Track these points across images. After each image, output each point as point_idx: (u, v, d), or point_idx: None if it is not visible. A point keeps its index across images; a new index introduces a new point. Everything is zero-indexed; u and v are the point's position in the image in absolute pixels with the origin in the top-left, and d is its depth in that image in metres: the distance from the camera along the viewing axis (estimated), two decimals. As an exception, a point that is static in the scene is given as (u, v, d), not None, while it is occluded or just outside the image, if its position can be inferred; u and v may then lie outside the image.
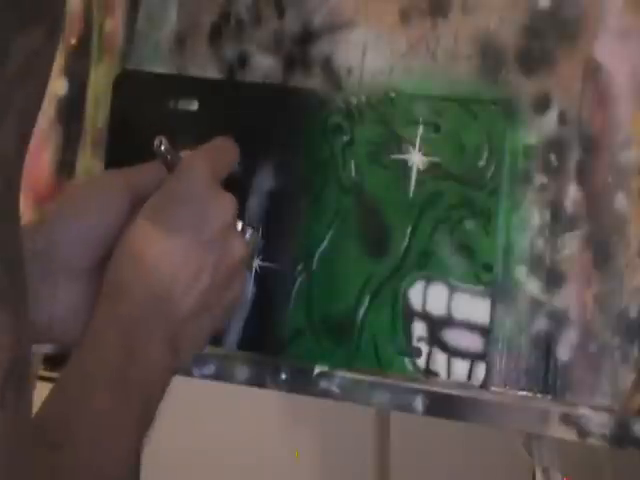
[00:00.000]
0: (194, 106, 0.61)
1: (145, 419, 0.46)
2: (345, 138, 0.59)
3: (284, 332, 0.59)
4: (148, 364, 0.46)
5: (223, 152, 0.55)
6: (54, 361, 0.67)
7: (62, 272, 0.49)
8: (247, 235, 0.55)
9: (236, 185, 0.60)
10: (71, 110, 0.63)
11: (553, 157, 0.56)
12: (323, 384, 0.59)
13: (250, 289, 0.59)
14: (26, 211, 0.64)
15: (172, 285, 0.47)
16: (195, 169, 0.51)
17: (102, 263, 0.50)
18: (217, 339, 0.60)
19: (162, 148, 0.51)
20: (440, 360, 0.57)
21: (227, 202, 0.51)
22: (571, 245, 0.56)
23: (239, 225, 0.54)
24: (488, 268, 0.57)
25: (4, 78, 0.30)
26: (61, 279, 0.49)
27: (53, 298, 0.49)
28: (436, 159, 0.58)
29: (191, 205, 0.49)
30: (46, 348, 0.62)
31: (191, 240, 0.48)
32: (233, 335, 0.60)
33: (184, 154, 0.52)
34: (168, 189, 0.50)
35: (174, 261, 0.48)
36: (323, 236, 0.59)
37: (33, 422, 0.38)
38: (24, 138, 0.32)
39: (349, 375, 0.59)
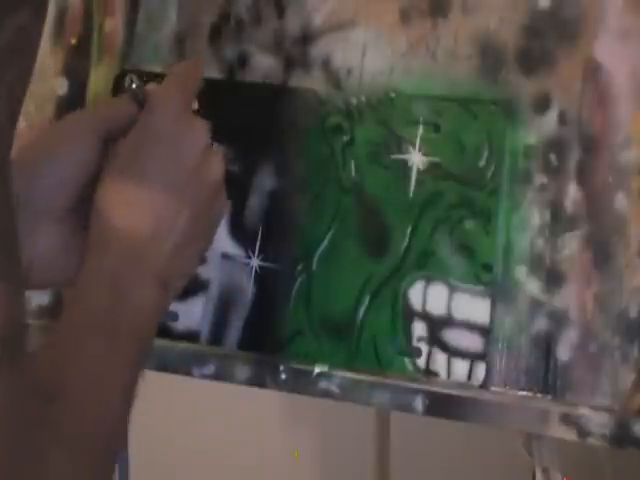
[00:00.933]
0: (194, 106, 0.61)
1: (138, 361, 0.46)
2: (345, 138, 0.59)
3: (284, 332, 0.59)
4: (139, 309, 0.46)
5: (188, 76, 0.55)
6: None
7: (40, 216, 0.50)
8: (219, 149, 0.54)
9: (236, 185, 0.60)
10: (71, 110, 0.63)
11: (553, 157, 0.56)
12: (323, 384, 0.59)
13: (250, 289, 0.60)
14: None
15: (156, 225, 0.48)
16: (164, 103, 0.50)
17: (79, 202, 0.50)
18: (217, 338, 0.60)
19: (134, 86, 0.51)
20: (440, 360, 0.57)
21: (200, 128, 0.51)
22: (571, 245, 0.56)
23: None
24: (488, 268, 0.57)
25: None
26: (39, 223, 0.50)
27: (33, 242, 0.49)
28: (436, 159, 0.58)
29: (165, 141, 0.49)
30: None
31: (170, 177, 0.49)
32: (233, 335, 0.60)
33: (151, 89, 0.52)
34: (141, 128, 0.50)
35: (156, 200, 0.48)
36: (323, 236, 0.59)
37: (26, 375, 0.38)
38: (13, 111, 0.33)
39: (349, 375, 0.59)
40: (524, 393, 0.56)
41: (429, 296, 0.58)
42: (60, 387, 0.41)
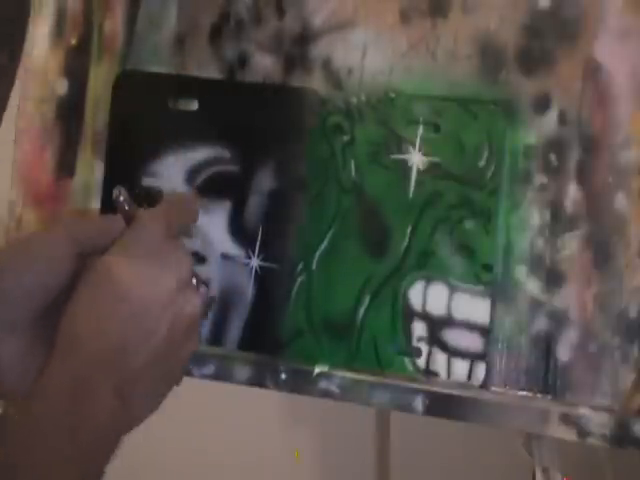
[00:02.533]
0: (194, 106, 0.61)
1: (94, 467, 0.46)
2: (345, 138, 0.59)
3: (284, 332, 0.59)
4: (96, 415, 0.46)
5: (182, 206, 0.55)
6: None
7: (3, 327, 0.49)
8: (201, 289, 0.54)
9: (236, 185, 0.60)
10: (71, 110, 0.63)
11: (553, 157, 0.56)
12: (323, 384, 0.59)
13: (250, 289, 0.60)
14: (26, 211, 0.64)
15: (126, 341, 0.47)
16: (151, 224, 0.50)
17: (42, 319, 0.49)
18: (217, 338, 0.60)
19: (121, 199, 0.51)
20: (440, 360, 0.57)
21: (183, 258, 0.51)
22: (571, 245, 0.56)
23: (194, 280, 0.53)
24: (488, 268, 0.57)
25: None
26: (5, 332, 0.49)
27: None
28: (436, 159, 0.58)
29: (146, 263, 0.49)
30: None
31: (146, 299, 0.48)
32: (233, 335, 0.60)
33: (142, 211, 0.52)
34: (124, 243, 0.50)
35: (128, 317, 0.47)
36: (323, 236, 0.59)
37: None
38: None
39: (349, 375, 0.59)
40: (524, 393, 0.56)
41: (429, 296, 0.58)
42: None
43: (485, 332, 0.57)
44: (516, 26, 0.57)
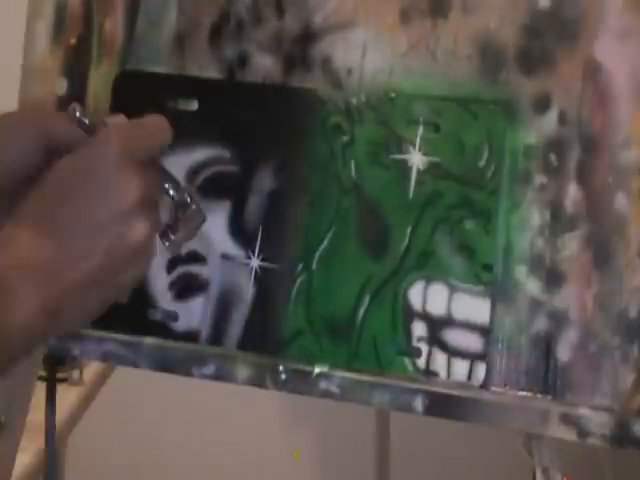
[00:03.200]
0: (194, 106, 0.61)
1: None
2: (345, 138, 0.59)
3: (284, 332, 0.59)
4: (8, 319, 0.46)
5: (149, 130, 0.53)
6: (54, 361, 0.67)
7: None
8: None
9: (236, 185, 0.60)
10: (71, 110, 0.63)
11: (553, 157, 0.56)
12: (323, 384, 0.59)
13: (250, 289, 0.60)
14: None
15: (59, 253, 0.47)
16: (109, 145, 0.49)
17: (5, 202, 0.50)
18: (217, 338, 0.60)
19: (77, 114, 0.50)
20: (440, 360, 0.57)
21: (133, 185, 0.49)
22: (571, 245, 0.56)
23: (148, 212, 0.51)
24: (488, 268, 0.57)
25: None
26: None
27: None
28: (436, 159, 0.58)
29: (94, 183, 0.49)
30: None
31: (87, 214, 0.48)
32: (233, 335, 0.60)
33: (111, 120, 0.51)
34: (78, 157, 0.49)
35: (65, 234, 0.48)
36: (323, 236, 0.59)
37: None
38: None
39: (349, 375, 0.59)
40: (524, 393, 0.56)
41: (429, 296, 0.58)
42: None
43: (485, 332, 0.57)
44: (516, 26, 0.57)
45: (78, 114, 0.50)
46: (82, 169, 0.49)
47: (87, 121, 0.50)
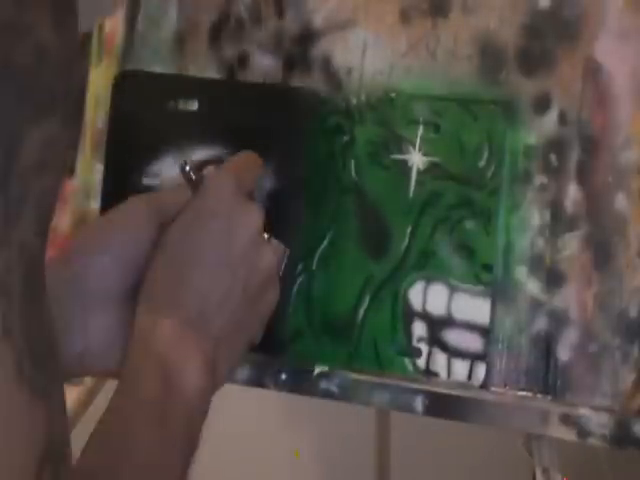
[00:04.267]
0: (194, 106, 0.61)
1: (189, 448, 0.46)
2: (345, 138, 0.59)
3: (284, 332, 0.59)
4: (187, 393, 0.46)
5: (247, 165, 0.55)
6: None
7: (93, 303, 0.49)
8: (273, 241, 0.54)
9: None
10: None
11: (553, 157, 0.56)
12: (323, 384, 0.59)
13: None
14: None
15: (203, 307, 0.47)
16: (219, 185, 0.50)
17: (133, 291, 0.49)
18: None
19: (187, 168, 0.51)
20: (440, 360, 0.57)
21: (254, 214, 0.51)
22: (571, 245, 0.56)
23: (265, 235, 0.53)
24: (488, 268, 0.57)
25: (20, 171, 0.30)
26: (92, 310, 0.49)
27: (85, 329, 0.49)
28: (436, 159, 0.58)
29: (217, 222, 0.49)
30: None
31: (220, 258, 0.48)
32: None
33: (208, 172, 0.52)
34: (193, 208, 0.50)
35: (204, 282, 0.48)
36: (323, 236, 0.59)
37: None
38: (42, 228, 0.32)
39: (349, 375, 0.59)
40: (524, 393, 0.56)
41: (429, 296, 0.58)
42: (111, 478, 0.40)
43: (485, 332, 0.57)
44: (516, 26, 0.57)
45: (188, 168, 0.51)
46: (205, 214, 0.49)
47: (194, 176, 0.51)
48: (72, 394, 1.08)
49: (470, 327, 0.57)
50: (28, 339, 0.31)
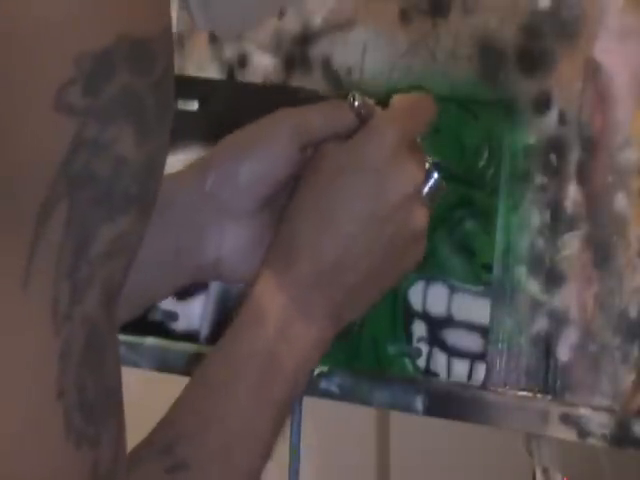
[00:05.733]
0: (194, 106, 0.61)
1: (284, 416, 0.47)
2: (345, 138, 0.59)
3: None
4: (303, 342, 0.46)
5: (420, 108, 0.53)
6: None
7: (229, 214, 0.50)
8: (431, 181, 0.51)
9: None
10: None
11: (553, 157, 0.56)
12: (323, 384, 0.59)
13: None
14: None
15: (343, 257, 0.47)
16: (384, 135, 0.48)
17: (266, 206, 0.50)
18: (217, 338, 0.60)
19: (355, 104, 0.49)
20: (440, 360, 0.57)
21: (411, 172, 0.49)
22: (571, 245, 0.56)
23: (426, 165, 0.50)
24: (488, 268, 0.57)
25: (88, 258, 0.31)
26: (228, 221, 0.50)
27: (220, 239, 0.50)
28: (436, 159, 0.58)
29: (373, 174, 0.48)
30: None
31: (369, 210, 0.47)
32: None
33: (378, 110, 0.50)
34: (353, 151, 0.48)
35: (348, 232, 0.47)
36: (323, 236, 0.59)
37: (157, 439, 0.39)
38: (111, 298, 0.33)
39: (349, 375, 0.59)
40: (524, 393, 0.56)
41: (429, 296, 0.58)
42: (193, 456, 0.41)
43: (485, 332, 0.57)
44: (516, 26, 0.56)
45: (357, 104, 0.49)
46: (364, 158, 0.48)
47: (363, 110, 0.49)
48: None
49: (470, 327, 0.57)
50: (82, 397, 0.32)
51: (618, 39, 0.55)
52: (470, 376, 0.57)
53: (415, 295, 0.58)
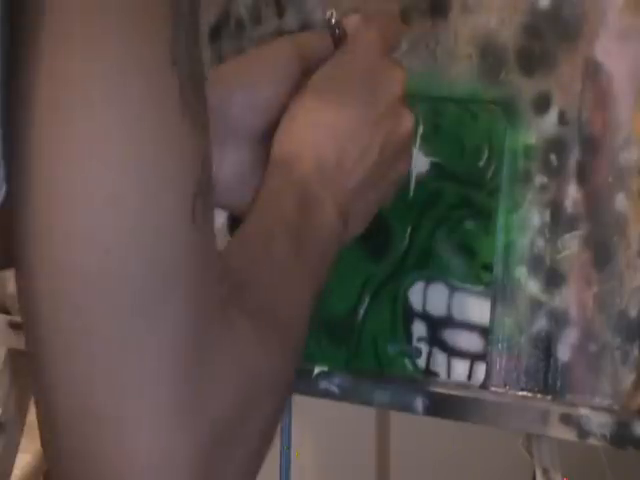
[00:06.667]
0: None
1: (318, 276, 0.45)
2: (345, 138, 0.59)
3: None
4: (321, 225, 0.45)
5: (392, 23, 0.54)
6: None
7: (230, 137, 0.49)
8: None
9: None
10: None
11: (553, 157, 0.56)
12: (323, 384, 0.59)
13: None
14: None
15: (342, 156, 0.47)
16: (365, 41, 0.50)
17: (268, 131, 0.49)
18: None
19: (332, 21, 0.50)
20: (440, 360, 0.57)
21: (397, 74, 0.50)
22: (571, 245, 0.56)
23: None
24: (488, 268, 0.57)
25: None
26: (229, 144, 0.49)
27: (220, 162, 0.49)
28: (436, 159, 0.58)
29: (361, 78, 0.49)
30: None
31: (361, 114, 0.48)
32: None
33: (349, 23, 0.51)
34: (339, 60, 0.49)
35: (344, 134, 0.47)
36: (323, 236, 0.59)
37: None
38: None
39: (349, 375, 0.59)
40: (524, 393, 0.56)
41: (429, 296, 0.58)
42: (246, 277, 0.40)
43: (485, 332, 0.57)
44: (516, 26, 0.57)
45: (334, 20, 0.50)
46: (350, 67, 0.49)
47: (338, 30, 0.50)
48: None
49: (470, 327, 0.57)
50: (192, 69, 0.32)
51: (618, 39, 0.55)
52: (470, 376, 0.57)
53: (415, 295, 0.58)
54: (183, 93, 0.31)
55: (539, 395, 0.56)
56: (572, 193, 0.56)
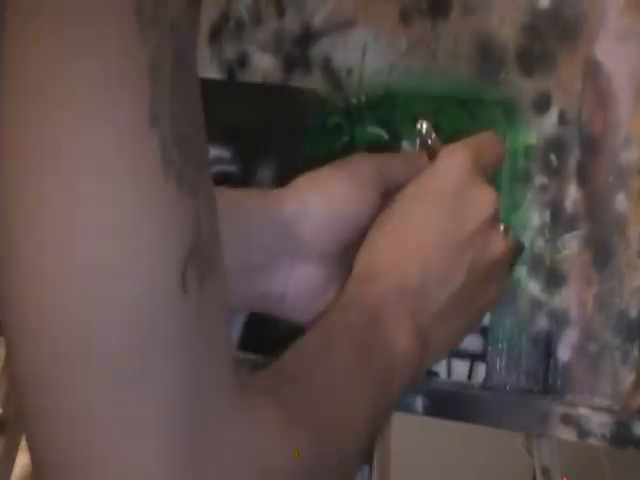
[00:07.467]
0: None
1: (384, 395, 0.43)
2: (345, 138, 0.59)
3: (284, 332, 0.59)
4: (393, 343, 0.44)
5: (489, 146, 0.52)
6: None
7: (303, 252, 0.48)
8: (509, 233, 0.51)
9: (236, 185, 0.60)
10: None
11: (553, 157, 0.56)
12: (323, 384, 0.59)
13: None
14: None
15: (425, 278, 0.46)
16: (456, 159, 0.48)
17: (342, 250, 0.49)
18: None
19: (423, 131, 0.50)
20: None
21: (488, 197, 0.48)
22: (571, 245, 0.56)
23: (501, 226, 0.50)
24: (488, 268, 0.57)
25: None
26: (301, 258, 0.48)
27: (290, 274, 0.48)
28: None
29: (450, 198, 0.47)
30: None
31: (447, 234, 0.47)
32: (233, 335, 0.60)
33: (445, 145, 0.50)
34: (427, 178, 0.48)
35: (428, 255, 0.46)
36: (323, 236, 0.59)
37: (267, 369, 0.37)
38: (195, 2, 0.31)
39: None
40: (524, 393, 0.56)
41: (429, 296, 0.57)
42: (300, 373, 0.39)
43: (485, 332, 0.57)
44: (516, 26, 0.56)
45: (425, 130, 0.49)
46: (436, 189, 0.48)
47: (430, 140, 0.49)
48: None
49: (470, 327, 0.57)
50: (177, 127, 0.30)
51: (618, 39, 0.55)
52: (470, 376, 0.57)
53: (415, 295, 0.58)
54: (166, 154, 0.29)
55: (539, 395, 0.56)
56: (572, 193, 0.56)
